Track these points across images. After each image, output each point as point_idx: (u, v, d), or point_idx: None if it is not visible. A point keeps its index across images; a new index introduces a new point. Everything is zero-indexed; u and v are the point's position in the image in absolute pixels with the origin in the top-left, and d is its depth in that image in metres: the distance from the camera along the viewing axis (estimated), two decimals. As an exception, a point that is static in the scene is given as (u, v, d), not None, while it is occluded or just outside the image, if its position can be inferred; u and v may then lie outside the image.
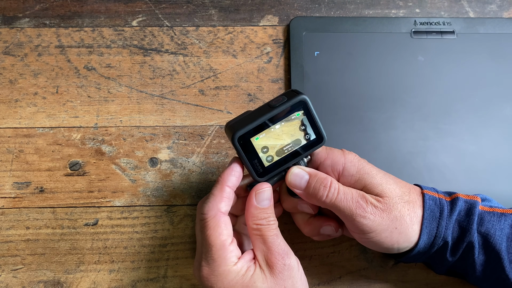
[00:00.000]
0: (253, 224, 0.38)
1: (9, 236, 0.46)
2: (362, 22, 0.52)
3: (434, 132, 0.49)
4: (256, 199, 0.39)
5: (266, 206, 0.39)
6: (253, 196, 0.39)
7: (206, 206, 0.38)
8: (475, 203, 0.40)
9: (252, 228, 0.39)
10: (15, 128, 0.49)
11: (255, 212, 0.39)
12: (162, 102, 0.50)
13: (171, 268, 0.45)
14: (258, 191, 0.39)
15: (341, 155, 0.40)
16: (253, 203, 0.39)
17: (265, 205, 0.39)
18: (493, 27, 0.52)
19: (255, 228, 0.38)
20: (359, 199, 0.38)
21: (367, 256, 0.46)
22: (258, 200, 0.39)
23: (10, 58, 0.51)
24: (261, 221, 0.38)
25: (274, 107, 0.37)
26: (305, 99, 0.37)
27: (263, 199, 0.39)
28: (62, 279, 0.45)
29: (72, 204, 0.47)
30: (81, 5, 0.53)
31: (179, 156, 0.48)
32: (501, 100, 0.50)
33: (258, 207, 0.39)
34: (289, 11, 0.54)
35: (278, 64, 0.52)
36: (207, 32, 0.52)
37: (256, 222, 0.38)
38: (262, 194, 0.39)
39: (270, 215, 0.39)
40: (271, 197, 0.39)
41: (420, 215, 0.39)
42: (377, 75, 0.50)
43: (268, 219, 0.39)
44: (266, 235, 0.38)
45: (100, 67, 0.51)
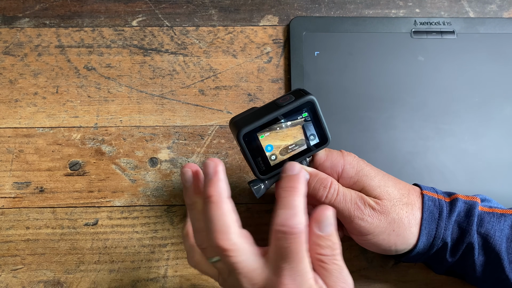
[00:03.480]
0: (316, 254, 0.33)
1: (9, 236, 0.46)
2: (362, 22, 0.52)
3: (434, 132, 0.49)
4: (319, 227, 0.33)
5: (330, 232, 0.34)
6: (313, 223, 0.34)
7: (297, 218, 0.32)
8: (474, 204, 0.40)
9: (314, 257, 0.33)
10: (15, 128, 0.49)
11: (317, 241, 0.33)
12: (162, 102, 0.50)
13: (171, 268, 0.45)
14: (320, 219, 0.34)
15: (340, 156, 0.40)
16: (314, 231, 0.33)
17: (328, 232, 0.33)
18: (493, 27, 0.52)
19: (318, 259, 0.33)
20: (357, 201, 0.38)
21: (367, 256, 0.46)
22: (321, 227, 0.33)
23: (10, 58, 0.51)
24: (325, 250, 0.33)
25: (282, 106, 0.37)
26: (313, 99, 0.37)
27: (327, 225, 0.33)
28: (62, 279, 0.45)
29: (72, 204, 0.47)
30: (81, 5, 0.53)
31: (179, 156, 0.48)
32: (501, 100, 0.50)
33: (321, 235, 0.33)
34: (289, 11, 0.54)
35: (278, 64, 0.52)
36: (207, 32, 0.52)
37: (319, 252, 0.33)
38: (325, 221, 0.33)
39: (335, 241, 0.34)
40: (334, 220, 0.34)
41: (419, 217, 0.39)
42: (377, 75, 0.50)
43: (332, 247, 0.33)
44: (331, 269, 0.33)
45: (100, 67, 0.51)
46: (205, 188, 0.33)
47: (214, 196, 0.32)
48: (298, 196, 0.32)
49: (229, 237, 0.32)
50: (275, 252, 0.32)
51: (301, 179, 0.33)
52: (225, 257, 0.32)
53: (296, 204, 0.32)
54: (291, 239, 0.31)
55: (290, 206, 0.32)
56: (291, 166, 0.34)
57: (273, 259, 0.32)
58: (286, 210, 0.32)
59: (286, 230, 0.31)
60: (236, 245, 0.32)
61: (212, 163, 0.33)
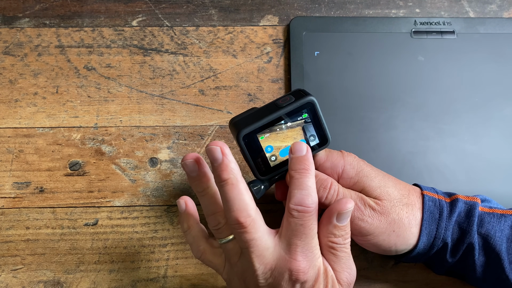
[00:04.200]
0: (328, 241, 0.36)
1: (9, 236, 0.46)
2: (362, 22, 0.52)
3: (434, 132, 0.49)
4: (338, 219, 0.36)
5: (346, 224, 0.36)
6: (333, 213, 0.36)
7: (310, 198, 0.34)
8: (475, 204, 0.40)
9: (326, 244, 0.36)
10: (15, 128, 0.49)
11: (333, 230, 0.36)
12: (162, 102, 0.50)
13: (171, 268, 0.45)
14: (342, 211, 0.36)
15: (340, 157, 0.40)
16: (332, 221, 0.36)
17: (345, 223, 0.36)
18: (493, 27, 0.52)
19: (330, 246, 0.36)
20: (357, 202, 0.38)
21: (367, 256, 0.46)
22: (340, 219, 0.36)
23: (10, 58, 0.51)
24: (338, 239, 0.36)
25: (281, 107, 0.37)
26: (313, 100, 0.37)
27: (346, 217, 0.36)
28: (62, 279, 0.45)
29: (72, 204, 0.47)
30: (81, 5, 0.53)
31: (179, 156, 0.48)
32: (501, 100, 0.50)
33: (338, 225, 0.36)
34: (289, 11, 0.54)
35: (278, 64, 0.52)
36: (207, 32, 0.52)
37: (332, 240, 0.36)
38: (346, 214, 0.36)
39: (348, 231, 0.37)
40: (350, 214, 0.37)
41: (419, 217, 0.39)
42: (377, 75, 0.50)
43: (345, 236, 0.36)
44: (340, 256, 0.36)
45: (100, 67, 0.51)
46: (217, 172, 0.34)
47: (230, 178, 0.34)
48: (310, 177, 0.35)
49: (249, 213, 0.34)
50: (289, 229, 0.35)
51: (310, 159, 0.36)
52: (243, 234, 0.34)
53: (309, 185, 0.35)
54: (306, 217, 0.34)
55: (303, 186, 0.35)
56: (299, 146, 0.36)
57: (287, 236, 0.35)
58: (301, 191, 0.35)
59: (302, 209, 0.34)
60: (255, 221, 0.34)
61: (217, 148, 0.34)
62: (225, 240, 0.36)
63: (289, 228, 0.35)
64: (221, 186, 0.34)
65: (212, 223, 0.37)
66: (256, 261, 0.35)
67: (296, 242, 0.34)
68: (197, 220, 0.39)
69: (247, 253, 0.35)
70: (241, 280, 0.37)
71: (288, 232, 0.35)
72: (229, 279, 0.38)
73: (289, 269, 0.34)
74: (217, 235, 0.37)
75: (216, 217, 0.36)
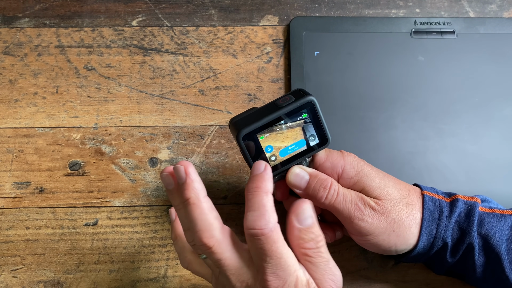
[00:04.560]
0: (300, 248, 0.34)
1: (9, 236, 0.46)
2: (362, 22, 0.52)
3: (434, 132, 0.49)
4: (298, 220, 0.34)
5: (310, 224, 0.35)
6: (292, 218, 0.35)
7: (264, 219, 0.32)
8: (475, 204, 0.40)
9: (299, 252, 0.34)
10: (15, 128, 0.49)
11: (299, 235, 0.34)
12: (162, 102, 0.50)
13: (171, 268, 0.45)
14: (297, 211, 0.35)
15: (340, 157, 0.40)
16: (294, 225, 0.34)
17: (308, 224, 0.34)
18: (493, 27, 0.52)
19: (303, 253, 0.34)
20: (357, 202, 0.38)
21: (367, 256, 0.46)
22: (300, 220, 0.34)
23: (10, 58, 0.51)
24: (308, 243, 0.34)
25: (281, 107, 0.37)
26: (313, 100, 0.37)
27: (306, 217, 0.35)
28: (62, 279, 0.45)
29: (72, 204, 0.47)
30: (81, 5, 0.53)
31: (179, 156, 0.48)
32: (501, 100, 0.50)
33: (302, 228, 0.34)
34: (289, 11, 0.54)
35: (278, 64, 0.52)
36: (207, 32, 0.52)
37: (303, 245, 0.34)
38: (303, 213, 0.35)
39: (317, 234, 0.34)
40: (313, 212, 0.35)
41: (419, 217, 0.39)
42: (377, 75, 0.50)
43: (316, 239, 0.34)
44: (316, 262, 0.34)
45: (100, 67, 0.51)
46: (180, 192, 0.33)
47: (191, 198, 0.33)
48: (262, 195, 0.33)
49: (212, 234, 0.33)
50: (252, 253, 0.33)
51: (265, 177, 0.34)
52: (211, 255, 0.33)
53: (262, 204, 0.33)
54: (263, 239, 0.32)
55: (256, 207, 0.33)
56: (256, 165, 0.35)
57: (254, 259, 0.33)
58: (253, 212, 0.33)
59: (256, 233, 0.32)
60: (220, 242, 0.33)
61: (181, 167, 0.34)
62: (203, 256, 0.35)
63: (252, 252, 0.33)
64: (184, 206, 0.33)
65: (189, 239, 0.35)
66: (232, 278, 0.33)
67: (263, 265, 0.32)
68: None
69: (222, 271, 0.34)
70: None
71: (253, 255, 0.33)
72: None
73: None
74: (196, 251, 0.35)
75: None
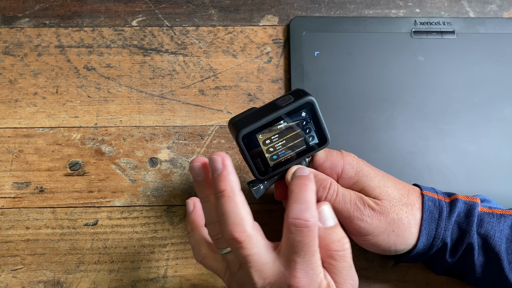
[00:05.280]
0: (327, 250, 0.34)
1: (9, 236, 0.46)
2: (362, 22, 0.52)
3: (434, 132, 0.49)
4: (320, 220, 0.35)
5: (333, 225, 0.35)
6: None
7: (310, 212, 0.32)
8: (474, 204, 0.40)
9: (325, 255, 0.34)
10: (15, 128, 0.49)
11: (324, 235, 0.34)
12: (162, 102, 0.50)
13: (171, 268, 0.45)
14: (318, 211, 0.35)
15: (340, 157, 0.40)
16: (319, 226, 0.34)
17: (331, 223, 0.35)
18: (493, 27, 0.52)
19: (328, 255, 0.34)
20: (357, 202, 0.38)
21: (367, 256, 0.46)
22: (322, 220, 0.35)
23: (10, 58, 0.51)
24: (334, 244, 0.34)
25: (281, 107, 0.37)
26: (312, 100, 0.37)
27: (327, 217, 0.35)
28: (62, 279, 0.45)
29: (72, 204, 0.47)
30: (81, 5, 0.53)
31: (179, 156, 0.48)
32: (501, 100, 0.50)
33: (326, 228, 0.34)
34: (289, 11, 0.54)
35: (278, 64, 0.52)
36: (207, 32, 0.52)
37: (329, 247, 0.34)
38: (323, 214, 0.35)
39: (342, 235, 0.35)
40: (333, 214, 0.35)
41: (418, 217, 0.39)
42: (377, 75, 0.50)
43: (342, 241, 0.34)
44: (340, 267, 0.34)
45: (100, 67, 0.51)
46: (215, 183, 0.33)
47: (226, 190, 0.33)
48: (310, 192, 0.33)
49: (244, 228, 0.32)
50: (288, 245, 0.33)
51: (312, 178, 0.34)
52: (238, 249, 0.32)
53: (309, 199, 0.33)
54: (305, 232, 0.32)
55: (303, 200, 0.33)
56: (301, 170, 0.36)
57: (286, 252, 0.33)
58: (299, 204, 0.33)
59: (300, 223, 0.32)
60: (251, 237, 0.32)
61: (218, 158, 0.33)
62: (225, 251, 0.35)
63: (287, 244, 0.33)
64: (217, 198, 0.33)
65: (212, 232, 0.35)
66: (255, 276, 0.33)
67: (296, 259, 0.32)
68: (201, 223, 0.39)
69: (246, 267, 0.33)
70: None
71: (287, 248, 0.33)
72: (229, 285, 0.37)
73: (288, 285, 0.33)
74: (217, 245, 0.36)
75: (216, 227, 0.35)
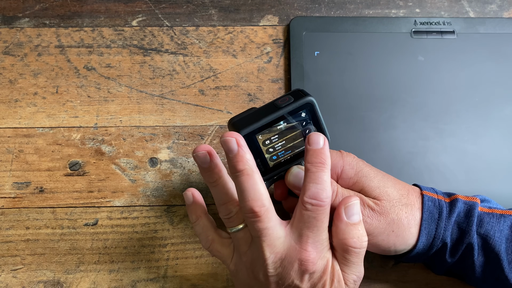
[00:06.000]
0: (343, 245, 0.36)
1: (9, 236, 0.46)
2: (362, 22, 0.52)
3: (434, 132, 0.49)
4: (346, 214, 0.36)
5: (357, 221, 0.36)
6: (342, 211, 0.36)
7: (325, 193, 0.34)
8: (474, 205, 0.40)
9: (341, 248, 0.36)
10: (15, 128, 0.49)
11: (345, 229, 0.36)
12: (162, 102, 0.50)
13: (171, 268, 0.45)
14: (347, 204, 0.36)
15: (340, 157, 0.40)
16: (343, 219, 0.36)
17: (355, 220, 0.36)
18: (493, 27, 0.52)
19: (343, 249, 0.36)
20: None
21: (367, 256, 0.45)
22: (348, 215, 0.36)
23: (10, 58, 0.51)
24: (352, 240, 0.36)
25: (281, 107, 0.37)
26: (312, 101, 0.37)
27: (354, 213, 0.36)
28: (62, 279, 0.45)
29: (72, 204, 0.47)
30: (81, 5, 0.53)
31: (179, 156, 0.48)
32: (501, 100, 0.50)
33: (349, 222, 0.36)
34: (289, 11, 0.54)
35: (278, 64, 0.52)
36: (207, 32, 0.52)
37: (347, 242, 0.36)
38: (352, 208, 0.36)
39: (363, 233, 0.36)
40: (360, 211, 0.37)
41: (418, 217, 0.39)
42: (377, 75, 0.50)
43: (361, 238, 0.36)
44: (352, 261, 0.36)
45: (100, 67, 0.51)
46: (233, 163, 0.35)
47: (246, 169, 0.34)
48: (326, 171, 0.35)
49: (263, 203, 0.34)
50: (302, 221, 0.35)
51: (327, 152, 0.36)
52: (256, 223, 0.34)
53: (325, 179, 0.35)
54: (319, 210, 0.35)
55: (319, 181, 0.35)
56: (316, 138, 0.36)
57: (298, 227, 0.35)
58: (316, 185, 0.35)
59: (316, 203, 0.34)
60: (268, 210, 0.34)
61: (232, 139, 0.35)
62: (235, 229, 0.37)
63: (301, 219, 0.35)
64: (236, 177, 0.35)
65: (224, 212, 0.37)
66: (267, 250, 0.35)
67: (308, 234, 0.35)
68: (205, 210, 0.40)
69: (259, 241, 0.35)
70: (249, 270, 0.37)
71: (300, 223, 0.35)
72: (236, 270, 0.38)
73: (299, 259, 0.35)
74: (228, 224, 0.37)
75: (227, 206, 0.37)
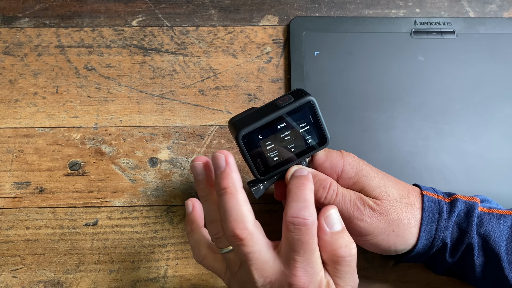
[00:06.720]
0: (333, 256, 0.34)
1: (9, 236, 0.46)
2: (362, 22, 0.52)
3: (434, 132, 0.49)
4: (328, 225, 0.35)
5: (340, 229, 0.35)
6: (322, 223, 0.35)
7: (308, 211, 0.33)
8: (474, 205, 0.40)
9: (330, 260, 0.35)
10: (15, 128, 0.49)
11: (331, 240, 0.35)
12: (162, 102, 0.50)
13: (171, 268, 0.45)
14: (325, 215, 0.35)
15: (340, 157, 0.40)
16: (325, 231, 0.35)
17: (338, 228, 0.35)
18: (493, 27, 0.52)
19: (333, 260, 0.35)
20: (357, 202, 0.38)
21: (367, 256, 0.46)
22: (329, 225, 0.35)
23: (10, 58, 0.51)
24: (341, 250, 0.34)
25: (281, 107, 0.37)
26: (312, 100, 0.37)
27: (334, 222, 0.35)
28: (62, 279, 0.45)
29: (72, 204, 0.47)
30: (81, 5, 0.53)
31: (179, 156, 0.48)
32: (501, 100, 0.50)
33: (333, 232, 0.35)
34: (289, 11, 0.54)
35: (278, 64, 0.52)
36: (207, 32, 0.52)
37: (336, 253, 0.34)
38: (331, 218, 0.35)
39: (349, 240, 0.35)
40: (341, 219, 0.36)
41: (418, 217, 0.39)
42: (377, 75, 0.50)
43: (349, 246, 0.35)
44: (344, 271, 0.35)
45: (100, 67, 0.51)
46: (218, 180, 0.34)
47: (229, 187, 0.33)
48: (308, 191, 0.34)
49: (246, 226, 0.33)
50: (287, 244, 0.33)
51: (310, 178, 0.35)
52: (240, 247, 0.33)
53: (307, 198, 0.34)
54: (303, 230, 0.33)
55: (301, 199, 0.34)
56: (300, 170, 0.36)
57: (285, 251, 0.33)
58: (297, 203, 0.33)
59: (298, 222, 0.33)
60: (252, 234, 0.33)
61: (222, 155, 0.34)
62: (225, 250, 0.35)
63: (286, 243, 0.33)
64: (220, 195, 0.33)
65: (213, 231, 0.36)
66: (255, 274, 0.34)
67: (295, 258, 0.33)
68: (201, 224, 0.39)
69: (246, 265, 0.34)
70: None
71: (286, 247, 0.33)
72: (229, 285, 0.38)
73: (289, 283, 0.33)
74: (217, 244, 0.36)
75: (216, 226, 0.35)
